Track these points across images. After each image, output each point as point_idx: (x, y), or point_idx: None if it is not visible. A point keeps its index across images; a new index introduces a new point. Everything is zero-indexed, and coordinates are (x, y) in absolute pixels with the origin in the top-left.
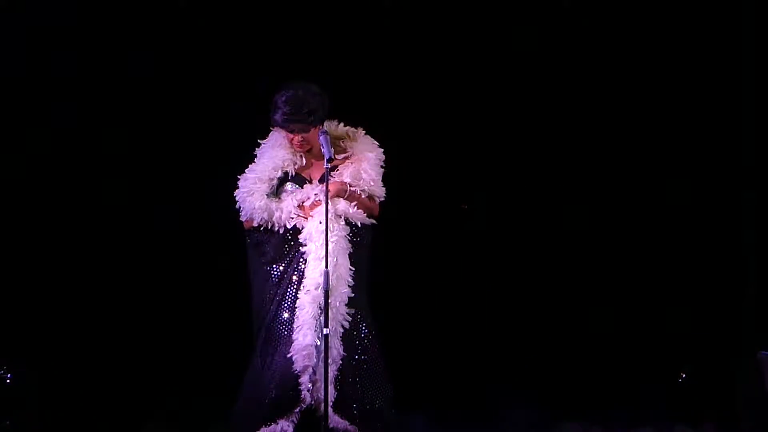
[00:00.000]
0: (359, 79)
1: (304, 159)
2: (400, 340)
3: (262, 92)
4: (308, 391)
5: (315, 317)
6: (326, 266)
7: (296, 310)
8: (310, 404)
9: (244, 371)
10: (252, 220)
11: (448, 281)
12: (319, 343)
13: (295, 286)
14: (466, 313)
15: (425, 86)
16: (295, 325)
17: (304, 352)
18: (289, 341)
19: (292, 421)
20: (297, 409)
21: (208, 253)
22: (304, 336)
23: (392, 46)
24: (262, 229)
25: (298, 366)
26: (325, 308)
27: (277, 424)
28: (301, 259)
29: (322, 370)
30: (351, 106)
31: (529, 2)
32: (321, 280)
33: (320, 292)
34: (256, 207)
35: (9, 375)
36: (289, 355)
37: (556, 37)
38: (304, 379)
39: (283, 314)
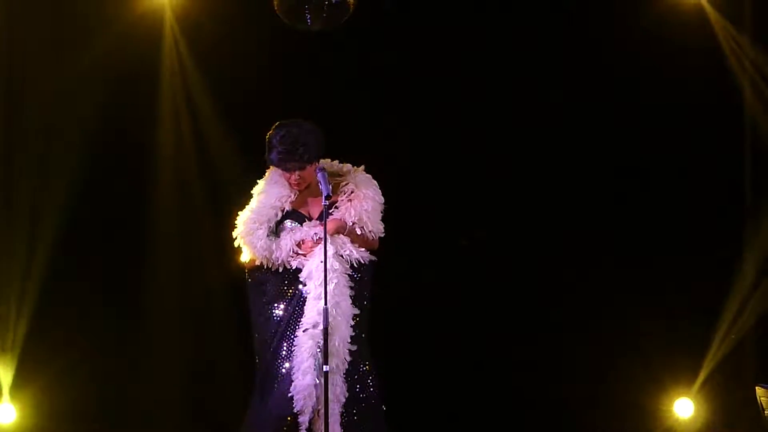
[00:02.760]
0: (353, 114)
1: (301, 196)
2: (398, 376)
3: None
4: (306, 430)
5: (314, 356)
6: (325, 303)
7: (294, 348)
8: None
9: (245, 410)
10: (253, 259)
11: (448, 316)
12: (317, 382)
13: (295, 325)
14: (466, 349)
15: (420, 119)
16: (293, 364)
17: (305, 392)
18: (288, 380)
19: None
20: None
21: None
22: (303, 375)
23: (383, 78)
24: (263, 268)
25: (298, 405)
26: (325, 346)
27: None
28: (301, 298)
29: (323, 407)
30: (346, 141)
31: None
32: (320, 318)
33: (319, 330)
34: (257, 247)
35: None
36: (289, 395)
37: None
38: (303, 419)
39: (281, 352)
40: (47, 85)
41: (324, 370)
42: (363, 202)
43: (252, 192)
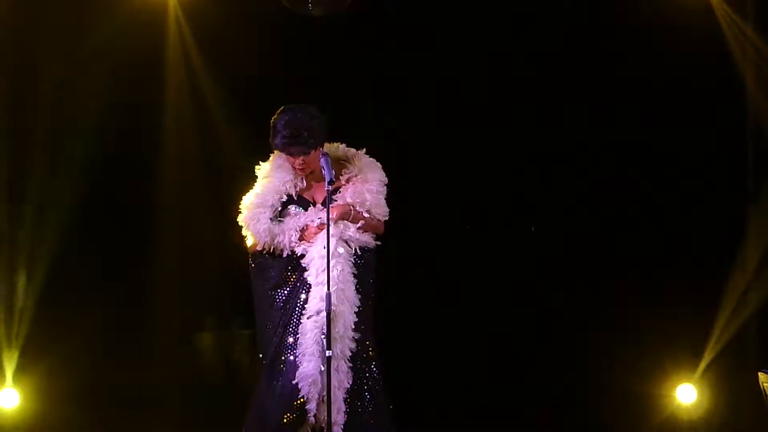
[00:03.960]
0: (356, 98)
1: (305, 181)
2: (401, 360)
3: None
4: (314, 417)
5: (318, 342)
6: (328, 288)
7: (299, 336)
8: (318, 427)
9: (249, 395)
10: (256, 244)
11: (451, 300)
12: (323, 368)
13: (300, 311)
14: (469, 334)
15: (423, 103)
16: (298, 351)
17: (309, 380)
18: (294, 367)
19: None
20: None
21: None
22: (308, 362)
23: (387, 62)
24: (266, 253)
25: (303, 392)
26: (328, 330)
27: None
28: (305, 285)
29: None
30: (350, 125)
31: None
32: (323, 304)
33: (323, 317)
34: (261, 231)
35: None
36: (294, 382)
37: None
38: (311, 406)
39: (288, 339)
40: (53, 72)
41: (327, 355)
42: (367, 185)
43: (256, 175)
